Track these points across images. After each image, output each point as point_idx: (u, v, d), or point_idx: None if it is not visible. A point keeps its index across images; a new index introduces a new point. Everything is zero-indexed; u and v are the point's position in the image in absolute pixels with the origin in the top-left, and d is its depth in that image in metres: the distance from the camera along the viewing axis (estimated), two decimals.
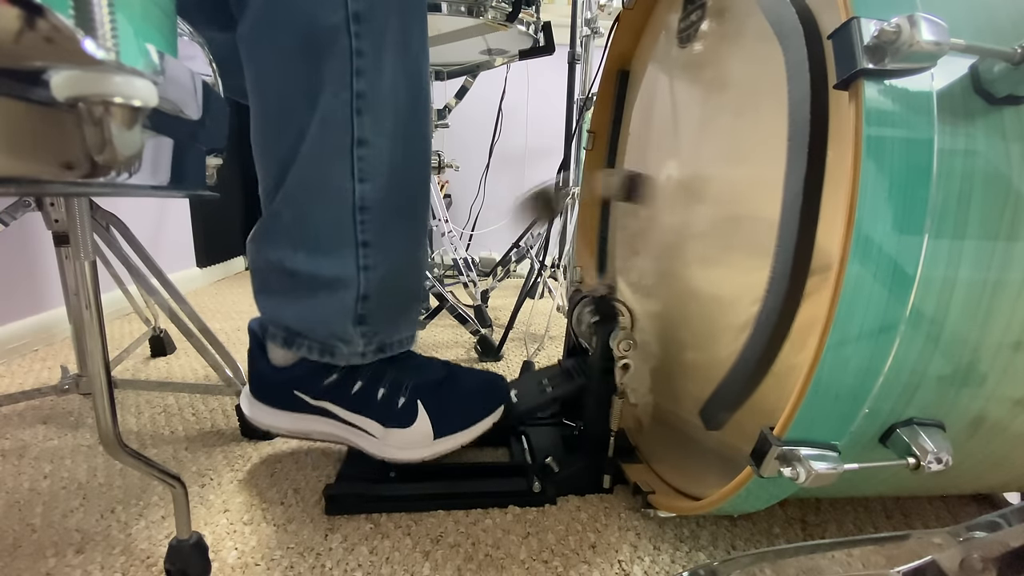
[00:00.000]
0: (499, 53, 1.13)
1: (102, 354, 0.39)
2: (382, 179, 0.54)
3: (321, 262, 0.55)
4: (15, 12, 0.16)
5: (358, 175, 0.52)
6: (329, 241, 0.55)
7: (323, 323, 0.57)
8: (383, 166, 0.53)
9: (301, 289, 0.56)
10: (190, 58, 0.51)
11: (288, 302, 0.58)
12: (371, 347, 0.59)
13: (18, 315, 1.06)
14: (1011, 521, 0.40)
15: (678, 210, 0.61)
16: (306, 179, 0.53)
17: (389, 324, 0.60)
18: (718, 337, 0.52)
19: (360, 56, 0.49)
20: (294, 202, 0.54)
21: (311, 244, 0.55)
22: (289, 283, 0.57)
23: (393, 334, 0.61)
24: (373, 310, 0.57)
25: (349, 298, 0.56)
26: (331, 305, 0.56)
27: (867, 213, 0.32)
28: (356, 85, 0.49)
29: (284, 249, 0.56)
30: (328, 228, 0.54)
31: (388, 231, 0.56)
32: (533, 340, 1.18)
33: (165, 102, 0.23)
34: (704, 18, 0.56)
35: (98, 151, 0.20)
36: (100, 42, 0.18)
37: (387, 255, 0.57)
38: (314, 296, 0.56)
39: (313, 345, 0.58)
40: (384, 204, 0.54)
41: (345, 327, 0.57)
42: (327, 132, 0.50)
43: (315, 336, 0.57)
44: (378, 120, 0.52)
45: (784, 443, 0.36)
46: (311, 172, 0.52)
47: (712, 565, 0.49)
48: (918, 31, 0.31)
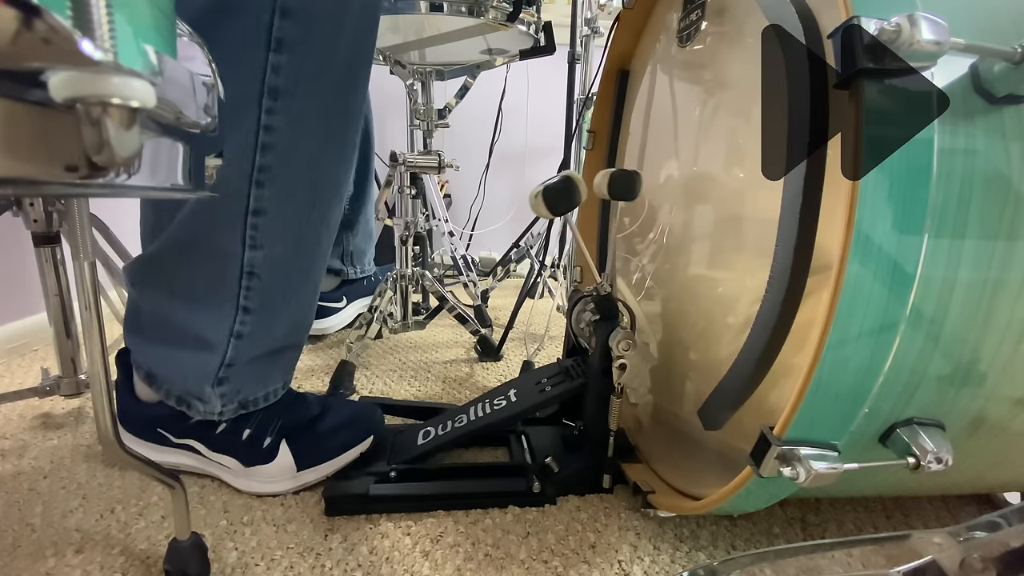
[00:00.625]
0: (499, 53, 1.12)
1: (102, 355, 0.39)
2: (279, 247, 0.51)
3: (195, 318, 0.53)
4: (12, 13, 0.16)
5: (249, 242, 0.50)
6: (207, 299, 0.52)
7: (182, 378, 0.56)
8: (283, 234, 0.51)
9: (168, 338, 0.55)
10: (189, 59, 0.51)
11: (152, 346, 0.57)
12: (230, 407, 0.57)
13: (18, 315, 1.06)
14: (1011, 521, 0.40)
15: (678, 210, 0.61)
16: (192, 233, 0.50)
17: (255, 383, 0.58)
18: (718, 337, 0.52)
19: (269, 132, 0.46)
20: (177, 250, 0.51)
21: (188, 296, 0.53)
22: (158, 328, 0.55)
23: (259, 391, 0.59)
24: (237, 374, 0.56)
25: (213, 363, 0.54)
26: (192, 364, 0.55)
27: (867, 213, 0.32)
28: (259, 159, 0.47)
29: (161, 294, 0.54)
30: (209, 286, 0.52)
31: (275, 298, 0.54)
32: (533, 340, 1.18)
33: (163, 103, 0.23)
34: (704, 18, 0.56)
35: (96, 152, 0.19)
36: (98, 43, 0.18)
37: (268, 321, 0.55)
38: (179, 349, 0.55)
39: (170, 392, 0.57)
40: (276, 272, 0.52)
41: (202, 388, 0.55)
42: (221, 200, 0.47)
43: (172, 387, 0.56)
44: (283, 193, 0.49)
45: (784, 443, 0.36)
46: (198, 228, 0.50)
47: (712, 565, 0.49)
48: (918, 30, 0.31)
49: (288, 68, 0.44)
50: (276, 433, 0.58)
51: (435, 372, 0.98)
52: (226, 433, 0.58)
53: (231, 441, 0.58)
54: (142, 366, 0.58)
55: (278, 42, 0.43)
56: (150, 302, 0.56)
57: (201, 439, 0.58)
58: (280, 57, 0.43)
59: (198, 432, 0.58)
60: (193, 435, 0.58)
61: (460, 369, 1.00)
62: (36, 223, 0.67)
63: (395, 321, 1.14)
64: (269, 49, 0.43)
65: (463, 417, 0.65)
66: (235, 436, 0.58)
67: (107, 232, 0.74)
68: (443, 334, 1.22)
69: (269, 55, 0.43)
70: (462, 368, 1.01)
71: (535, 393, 0.64)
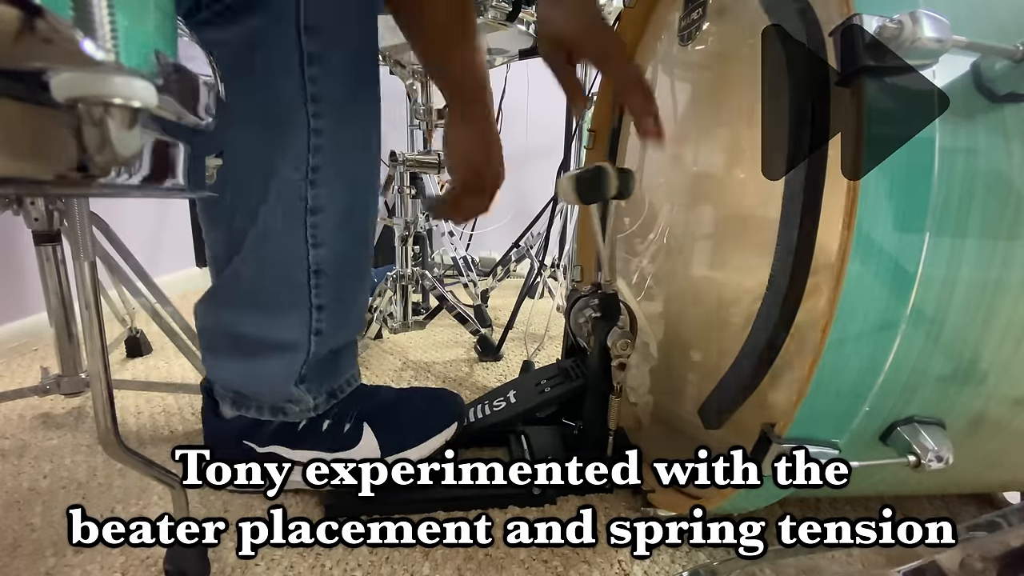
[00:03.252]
0: (499, 53, 1.12)
1: (101, 355, 0.39)
2: (336, 242, 0.54)
3: (272, 326, 0.55)
4: (14, 13, 0.16)
5: (311, 240, 0.53)
6: (283, 306, 0.55)
7: (269, 388, 0.57)
8: (336, 229, 0.54)
9: (250, 352, 0.57)
10: (190, 59, 0.51)
11: (235, 364, 0.58)
12: (321, 398, 0.59)
13: (18, 314, 1.06)
14: (1011, 521, 0.40)
15: (678, 209, 0.61)
16: (262, 248, 0.53)
17: (334, 373, 0.61)
18: (718, 336, 0.52)
19: (318, 135, 0.50)
20: (250, 268, 0.54)
21: (264, 308, 0.55)
22: (237, 345, 0.57)
23: (339, 379, 0.61)
24: (316, 368, 0.58)
25: (297, 362, 0.56)
26: (278, 369, 0.56)
27: (868, 212, 0.32)
28: (312, 160, 0.51)
29: (235, 312, 0.56)
30: (283, 293, 0.55)
31: (341, 292, 0.57)
32: (533, 340, 1.18)
33: (165, 103, 0.23)
34: (705, 17, 0.56)
35: (97, 152, 0.19)
36: (99, 43, 0.18)
37: (339, 316, 0.57)
38: (263, 360, 0.56)
39: (263, 407, 0.58)
40: (337, 266, 0.55)
41: (289, 390, 0.57)
42: (282, 204, 0.51)
43: (263, 399, 0.58)
44: (332, 191, 0.53)
45: (785, 441, 0.36)
46: (267, 242, 0.53)
47: (712, 565, 0.49)
48: (920, 28, 0.31)
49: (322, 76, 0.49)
50: (355, 419, 0.59)
51: (435, 372, 0.98)
52: (307, 430, 0.59)
53: (313, 436, 0.59)
54: (228, 390, 0.59)
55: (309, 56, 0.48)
56: (227, 321, 0.57)
57: (284, 442, 0.58)
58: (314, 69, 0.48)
59: (280, 436, 0.58)
60: (276, 441, 0.58)
61: (460, 369, 1.00)
62: (37, 222, 0.67)
63: (395, 321, 1.14)
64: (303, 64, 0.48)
65: None
66: (316, 430, 0.59)
67: (108, 231, 0.74)
68: (443, 334, 1.22)
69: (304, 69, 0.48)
70: (462, 368, 1.01)
71: (534, 394, 0.64)
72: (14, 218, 0.66)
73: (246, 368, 0.58)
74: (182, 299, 0.77)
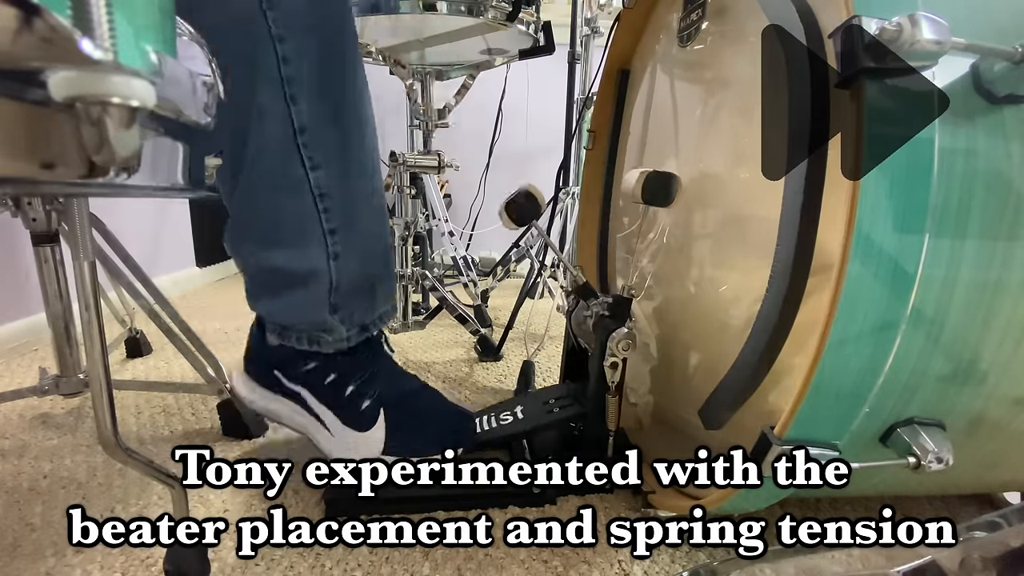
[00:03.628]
0: (499, 53, 1.12)
1: (101, 355, 0.39)
2: (334, 165, 0.54)
3: (293, 256, 0.56)
4: (12, 12, 0.16)
5: (308, 163, 0.53)
6: (296, 234, 0.55)
7: (306, 317, 0.58)
8: (332, 151, 0.54)
9: (280, 285, 0.58)
10: (190, 58, 0.50)
11: (270, 299, 0.59)
12: (353, 330, 0.60)
13: (18, 315, 1.06)
14: (1011, 521, 0.40)
15: (679, 209, 0.61)
16: (260, 175, 0.53)
17: (365, 304, 0.61)
18: (718, 337, 0.52)
19: (281, 42, 0.49)
20: (254, 201, 0.54)
21: (280, 239, 0.56)
22: (269, 280, 0.58)
23: (371, 313, 0.62)
24: (346, 296, 0.58)
25: (323, 290, 0.57)
26: (307, 298, 0.57)
27: (868, 212, 0.32)
28: (284, 71, 0.49)
29: (255, 246, 0.57)
30: (293, 221, 0.55)
31: (352, 214, 0.57)
32: (533, 340, 1.18)
33: (164, 102, 0.23)
34: (704, 18, 0.56)
35: (96, 151, 0.19)
36: (98, 42, 0.18)
37: (355, 238, 0.58)
38: (294, 291, 0.57)
39: (301, 336, 0.59)
40: (342, 188, 0.55)
41: (323, 317, 0.58)
42: (267, 124, 0.50)
43: (300, 328, 0.59)
44: (314, 107, 0.52)
45: (784, 442, 0.36)
46: (262, 168, 0.52)
47: (712, 565, 0.49)
48: (919, 30, 0.31)
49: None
50: (376, 399, 0.60)
51: (435, 372, 0.98)
52: (333, 385, 0.60)
53: (335, 394, 0.60)
54: (274, 324, 0.60)
55: None
56: (252, 258, 0.58)
57: (310, 387, 0.60)
58: None
59: (309, 379, 0.60)
60: (303, 381, 0.60)
61: (460, 369, 1.00)
62: (35, 222, 0.67)
63: (395, 321, 1.14)
64: None
65: None
66: (340, 389, 0.60)
67: (107, 232, 0.74)
68: (443, 334, 1.22)
69: None
70: (462, 368, 1.01)
71: (543, 414, 0.65)
72: (12, 218, 0.66)
73: (283, 302, 0.59)
74: (182, 299, 0.77)
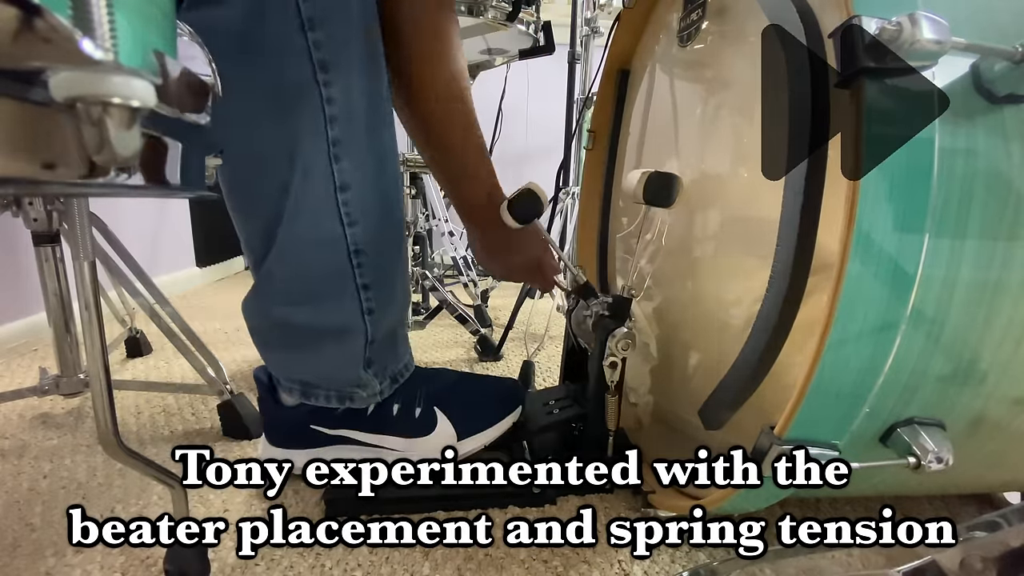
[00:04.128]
0: (499, 53, 1.13)
1: (101, 355, 0.39)
2: (369, 219, 0.54)
3: (325, 314, 0.55)
4: (13, 12, 0.16)
5: (345, 220, 0.52)
6: (330, 291, 0.55)
7: (336, 374, 0.58)
8: (367, 206, 0.54)
9: (307, 344, 0.57)
10: (190, 58, 0.51)
11: (297, 358, 0.58)
12: (385, 383, 0.60)
13: (18, 315, 1.06)
14: (1011, 521, 0.40)
15: (679, 209, 0.61)
16: (297, 233, 0.52)
17: (394, 357, 0.61)
18: (718, 336, 0.52)
19: (331, 104, 0.49)
20: (289, 258, 0.54)
21: (312, 297, 0.55)
22: (295, 339, 0.57)
23: (399, 363, 0.62)
24: (378, 351, 0.58)
25: (358, 346, 0.56)
26: (341, 355, 0.57)
27: (868, 212, 0.32)
28: (331, 132, 0.50)
29: (285, 306, 0.56)
30: (327, 278, 0.54)
31: (383, 270, 0.57)
32: (533, 340, 1.18)
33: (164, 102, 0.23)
34: (704, 17, 0.56)
35: (96, 151, 0.19)
36: (98, 42, 0.18)
37: (386, 294, 0.57)
38: (321, 349, 0.57)
39: (331, 395, 0.59)
40: (375, 244, 0.55)
41: (358, 374, 0.57)
42: (310, 183, 0.50)
43: (331, 386, 0.58)
44: (356, 164, 0.52)
45: (784, 442, 0.36)
46: (301, 225, 0.52)
47: (712, 565, 0.49)
48: (919, 29, 0.31)
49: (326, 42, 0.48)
50: (424, 401, 0.61)
51: None
52: (377, 415, 0.60)
53: (384, 420, 0.60)
54: (295, 382, 0.59)
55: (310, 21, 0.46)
56: (279, 317, 0.56)
57: (355, 426, 0.60)
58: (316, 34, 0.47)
59: (350, 420, 0.59)
60: (346, 424, 0.59)
61: (460, 369, 1.00)
62: (36, 222, 0.67)
63: None
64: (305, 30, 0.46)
65: None
66: (386, 414, 0.60)
67: (107, 232, 0.74)
68: (443, 334, 1.22)
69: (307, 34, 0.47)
70: (462, 368, 1.01)
71: (542, 415, 0.65)
72: (12, 218, 0.66)
73: (307, 359, 0.58)
74: (182, 299, 0.77)
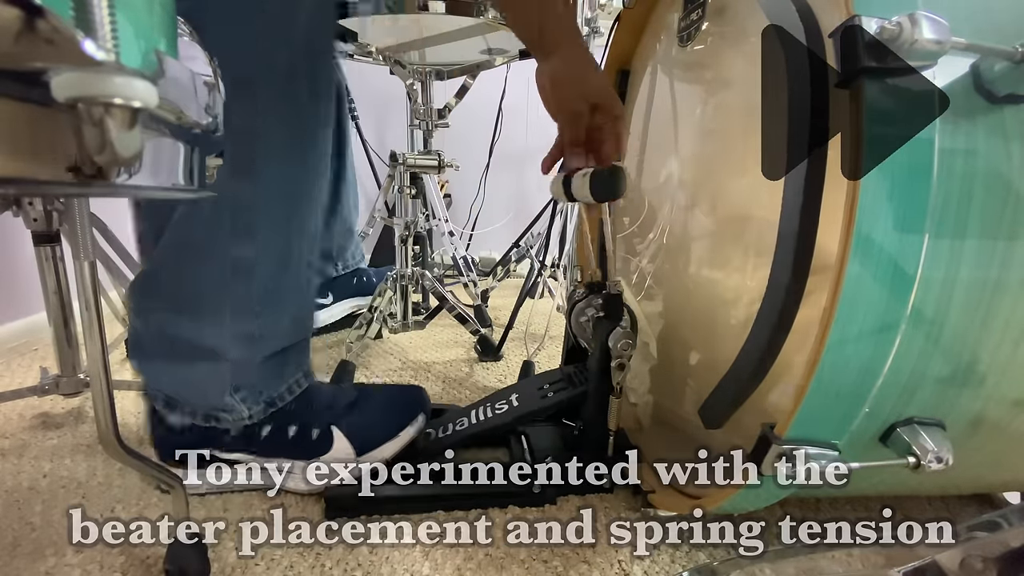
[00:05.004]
0: (499, 53, 1.12)
1: (101, 355, 0.39)
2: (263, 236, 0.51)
3: (202, 329, 0.53)
4: (15, 13, 0.16)
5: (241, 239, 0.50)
6: (211, 307, 0.52)
7: (202, 395, 0.55)
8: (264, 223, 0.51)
9: (179, 357, 0.54)
10: (191, 59, 0.50)
11: (165, 369, 0.56)
12: (257, 407, 0.57)
13: (18, 314, 1.06)
14: (1011, 521, 0.40)
15: (678, 209, 0.61)
16: (184, 238, 0.50)
17: (274, 380, 0.58)
18: (718, 336, 0.52)
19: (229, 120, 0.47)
20: (173, 260, 0.52)
21: (192, 309, 0.53)
22: (167, 349, 0.54)
23: (280, 386, 0.59)
24: (253, 376, 0.55)
25: (225, 370, 0.54)
26: (207, 377, 0.54)
27: (867, 213, 0.32)
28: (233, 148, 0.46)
29: (165, 312, 0.54)
30: (211, 293, 0.52)
31: (275, 295, 0.54)
32: (533, 340, 1.18)
33: (165, 103, 0.23)
34: (704, 18, 0.56)
35: (97, 152, 0.19)
36: (100, 43, 0.18)
37: (273, 318, 0.55)
38: (192, 365, 0.54)
39: (196, 412, 0.56)
40: (272, 267, 0.53)
41: (222, 398, 0.54)
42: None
43: (197, 407, 0.56)
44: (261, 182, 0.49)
45: (784, 442, 0.36)
46: (189, 231, 0.50)
47: (712, 565, 0.49)
48: (919, 29, 0.31)
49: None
50: (323, 423, 0.58)
51: (435, 372, 0.98)
52: (272, 437, 0.57)
53: (279, 442, 0.57)
54: (160, 393, 0.57)
55: None
56: (156, 322, 0.55)
57: (247, 449, 0.57)
58: None
59: (243, 442, 0.57)
60: (240, 447, 0.57)
61: (460, 369, 1.00)
62: (36, 222, 0.67)
63: (395, 321, 1.14)
64: None
65: (464, 420, 0.65)
66: (281, 436, 0.57)
67: (107, 232, 0.74)
68: (443, 334, 1.22)
69: None
70: (462, 368, 1.01)
71: (537, 399, 0.65)
72: (12, 218, 0.66)
73: (177, 374, 0.55)
74: None
